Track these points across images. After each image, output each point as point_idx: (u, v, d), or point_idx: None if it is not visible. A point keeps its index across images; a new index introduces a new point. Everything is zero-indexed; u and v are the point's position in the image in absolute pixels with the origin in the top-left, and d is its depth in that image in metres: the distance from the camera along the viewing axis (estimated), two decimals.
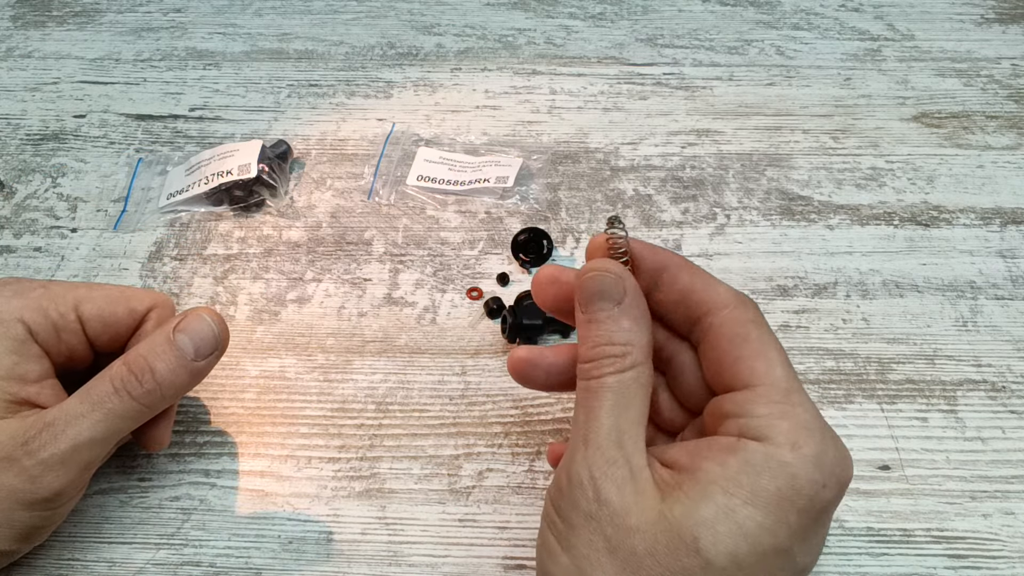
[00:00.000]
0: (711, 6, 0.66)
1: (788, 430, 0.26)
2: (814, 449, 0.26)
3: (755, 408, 0.27)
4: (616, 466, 0.27)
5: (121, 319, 0.37)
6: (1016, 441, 0.40)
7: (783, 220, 0.50)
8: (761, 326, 0.29)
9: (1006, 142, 0.55)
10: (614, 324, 0.29)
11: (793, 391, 0.28)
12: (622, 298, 0.29)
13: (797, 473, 0.26)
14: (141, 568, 0.37)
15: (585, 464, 0.27)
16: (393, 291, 0.47)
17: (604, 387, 0.28)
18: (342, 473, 0.40)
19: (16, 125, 0.57)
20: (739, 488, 0.26)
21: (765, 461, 0.26)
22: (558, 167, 0.53)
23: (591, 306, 0.29)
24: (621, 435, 0.28)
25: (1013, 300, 0.46)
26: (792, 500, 0.26)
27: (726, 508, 0.26)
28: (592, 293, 0.29)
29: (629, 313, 0.29)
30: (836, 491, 0.27)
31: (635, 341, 0.29)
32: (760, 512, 0.25)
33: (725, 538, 0.25)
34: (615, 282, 0.29)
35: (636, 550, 0.26)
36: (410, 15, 0.66)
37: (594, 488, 0.27)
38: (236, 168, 0.50)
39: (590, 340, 0.29)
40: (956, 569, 0.36)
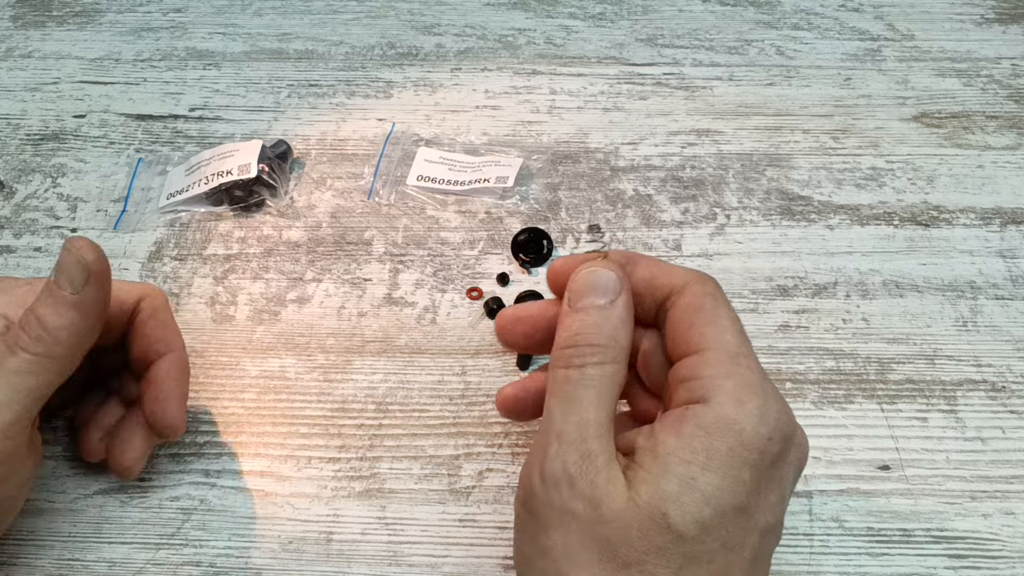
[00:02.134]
0: (711, 6, 0.66)
1: (732, 388, 0.27)
2: (757, 403, 0.27)
3: (703, 370, 0.28)
4: (590, 460, 0.27)
5: (110, 313, 0.36)
6: (1016, 441, 0.40)
7: (783, 220, 0.50)
8: (716, 298, 0.30)
9: (1006, 142, 0.55)
10: (603, 318, 0.29)
11: (741, 355, 0.28)
12: (616, 296, 0.29)
13: (743, 428, 0.26)
14: (141, 568, 0.37)
15: (559, 460, 0.27)
16: (393, 291, 0.47)
17: (585, 378, 0.28)
18: (342, 473, 0.40)
19: (16, 125, 0.57)
20: (694, 454, 0.26)
21: (714, 422, 0.27)
22: (558, 167, 0.53)
23: (584, 299, 0.30)
24: (598, 429, 0.28)
25: (1013, 300, 0.46)
26: (743, 457, 0.26)
27: (686, 478, 0.26)
28: (588, 285, 0.30)
29: (620, 311, 0.29)
30: (781, 444, 0.27)
31: (620, 339, 0.29)
32: (717, 475, 0.26)
33: (691, 507, 0.26)
34: (613, 279, 0.30)
35: (610, 540, 0.26)
36: (410, 15, 0.66)
37: (569, 484, 0.27)
38: (236, 168, 0.50)
39: (574, 328, 0.29)
40: (956, 569, 0.36)
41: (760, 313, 0.46)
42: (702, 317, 0.29)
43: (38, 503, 0.39)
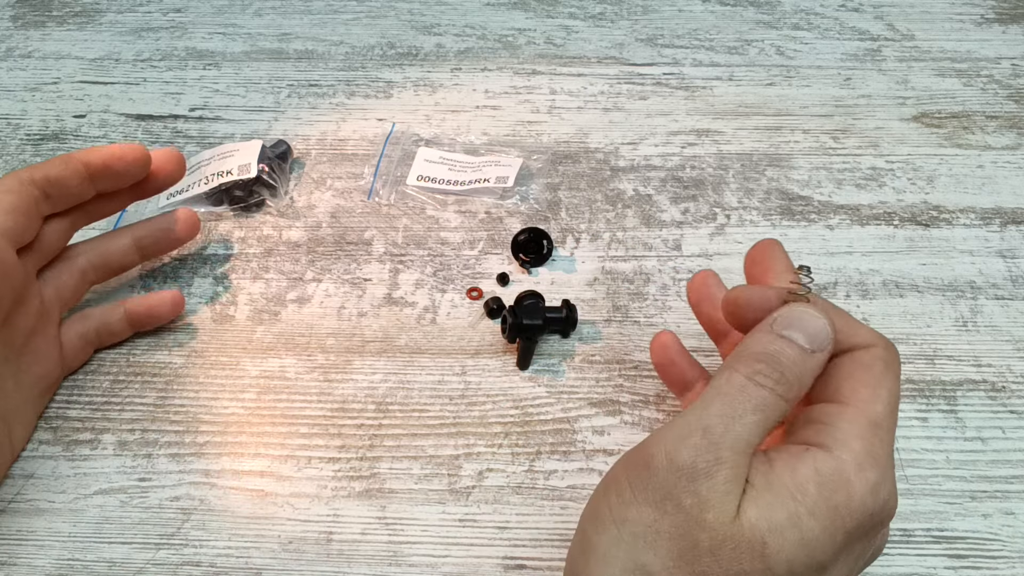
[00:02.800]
0: (711, 6, 0.66)
1: (859, 450, 0.27)
2: (875, 477, 0.27)
3: (839, 421, 0.28)
4: (723, 467, 0.27)
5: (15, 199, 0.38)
6: (1016, 441, 0.40)
7: (783, 220, 0.50)
8: (889, 367, 0.29)
9: (1006, 142, 0.55)
10: (803, 360, 0.28)
11: (881, 427, 0.28)
12: (822, 351, 0.29)
13: (854, 493, 0.26)
14: (141, 568, 0.37)
15: (694, 452, 0.27)
16: (393, 291, 0.47)
17: (761, 399, 0.28)
18: (342, 473, 0.40)
19: (16, 125, 0.57)
20: (805, 496, 0.26)
21: (831, 474, 0.27)
22: (558, 167, 0.53)
23: (791, 331, 0.29)
24: (745, 445, 0.27)
25: (1013, 300, 0.46)
26: (844, 519, 0.26)
27: (794, 515, 0.26)
28: (800, 323, 0.29)
29: (817, 364, 0.29)
30: (879, 522, 0.27)
31: (804, 387, 0.29)
32: (819, 524, 0.26)
33: (789, 546, 0.26)
34: (827, 332, 0.29)
35: (700, 544, 0.26)
36: (410, 15, 0.66)
37: (691, 477, 0.26)
38: (236, 168, 0.50)
39: (774, 348, 0.29)
40: (956, 569, 0.36)
41: None
42: (864, 376, 0.29)
43: (38, 503, 0.39)
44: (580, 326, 0.45)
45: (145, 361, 0.44)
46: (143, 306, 0.44)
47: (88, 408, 0.42)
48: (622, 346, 0.44)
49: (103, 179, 0.41)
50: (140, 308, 0.44)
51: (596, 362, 0.43)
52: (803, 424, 0.29)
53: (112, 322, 0.43)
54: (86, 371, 0.43)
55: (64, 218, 0.41)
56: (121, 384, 0.43)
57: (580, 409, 0.42)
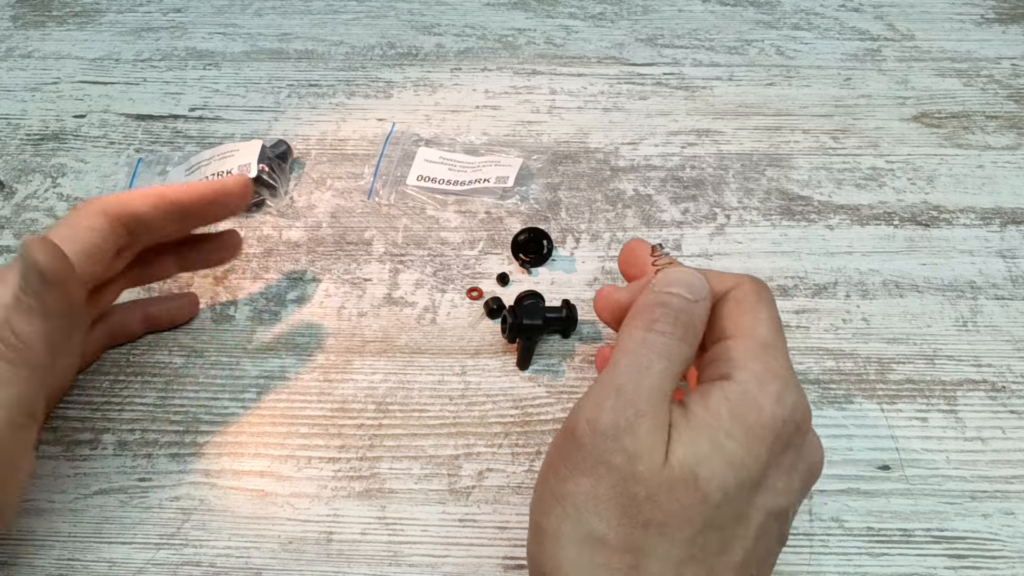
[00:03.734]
0: (711, 6, 0.66)
1: (757, 370, 0.29)
2: (776, 387, 0.28)
3: (733, 352, 0.30)
4: (644, 419, 0.27)
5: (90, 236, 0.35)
6: (1016, 441, 0.40)
7: (783, 220, 0.50)
8: (760, 295, 0.31)
9: (1006, 142, 0.55)
10: (689, 307, 0.30)
11: (771, 346, 0.30)
12: (702, 298, 0.30)
13: (762, 406, 0.28)
14: (141, 568, 0.37)
15: (613, 412, 0.28)
16: (393, 291, 0.47)
17: (662, 346, 0.29)
18: (342, 473, 0.40)
19: (16, 125, 0.57)
20: (720, 421, 0.28)
21: (737, 396, 0.28)
22: (558, 167, 0.53)
23: (673, 288, 0.30)
24: (659, 394, 0.28)
25: (1013, 300, 0.46)
26: (760, 434, 0.27)
27: (716, 443, 0.27)
28: (678, 280, 0.31)
29: (702, 311, 0.30)
30: (795, 430, 0.28)
31: (698, 331, 0.30)
32: (740, 445, 0.27)
33: (718, 471, 0.27)
34: (702, 282, 0.31)
35: (637, 496, 0.27)
36: (410, 15, 0.66)
37: (615, 437, 0.27)
38: (236, 168, 0.50)
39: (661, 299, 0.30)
40: (956, 569, 0.36)
41: None
42: (742, 308, 0.31)
43: (38, 503, 0.39)
44: (580, 326, 0.45)
45: (145, 361, 0.44)
46: (162, 309, 0.44)
47: (88, 408, 0.42)
48: None
49: (193, 219, 0.40)
50: (159, 311, 0.44)
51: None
52: (706, 366, 0.31)
53: (129, 322, 0.44)
54: (86, 371, 0.43)
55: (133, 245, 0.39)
56: (121, 384, 0.43)
57: None
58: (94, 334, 0.42)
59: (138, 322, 0.44)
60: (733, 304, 0.31)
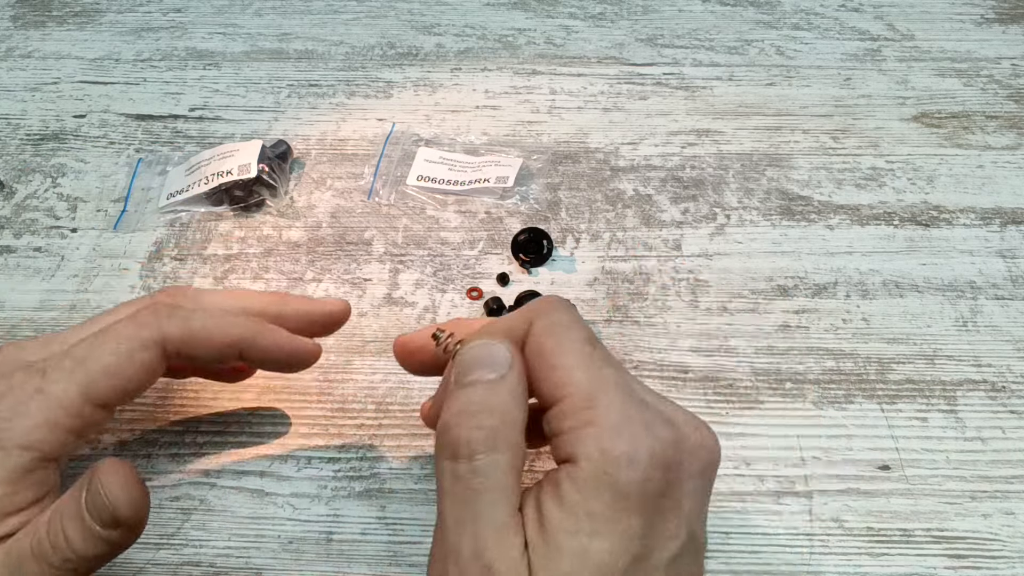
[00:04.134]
0: (711, 6, 0.66)
1: (594, 436, 0.25)
2: (623, 448, 0.25)
3: (562, 424, 0.26)
4: (493, 568, 0.25)
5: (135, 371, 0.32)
6: (1016, 441, 0.40)
7: (783, 220, 0.50)
8: (555, 329, 0.28)
9: (1006, 142, 0.55)
10: (492, 392, 0.27)
11: (596, 392, 0.26)
12: (506, 369, 0.27)
13: (616, 480, 0.25)
14: (141, 568, 0.37)
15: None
16: (393, 291, 0.47)
17: (478, 475, 0.26)
18: (342, 473, 0.40)
19: (16, 125, 0.57)
20: (579, 522, 0.25)
21: (587, 481, 0.25)
22: (558, 167, 0.53)
23: (471, 374, 0.27)
24: (497, 535, 0.25)
25: (1013, 300, 0.46)
26: (624, 507, 0.25)
27: (579, 552, 0.24)
28: (473, 360, 0.28)
29: (511, 384, 0.27)
30: (662, 475, 0.25)
31: (514, 415, 0.27)
32: (606, 539, 0.24)
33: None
34: (502, 351, 0.28)
35: None
36: (410, 15, 0.66)
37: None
38: (236, 168, 0.50)
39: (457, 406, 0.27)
40: (956, 569, 0.36)
41: (760, 313, 0.46)
42: (545, 361, 0.27)
43: None
44: None
45: None
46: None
47: None
48: (622, 346, 0.44)
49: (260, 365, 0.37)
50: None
51: None
52: (551, 442, 0.27)
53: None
54: None
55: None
56: None
57: None
58: None
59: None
60: (536, 359, 0.27)
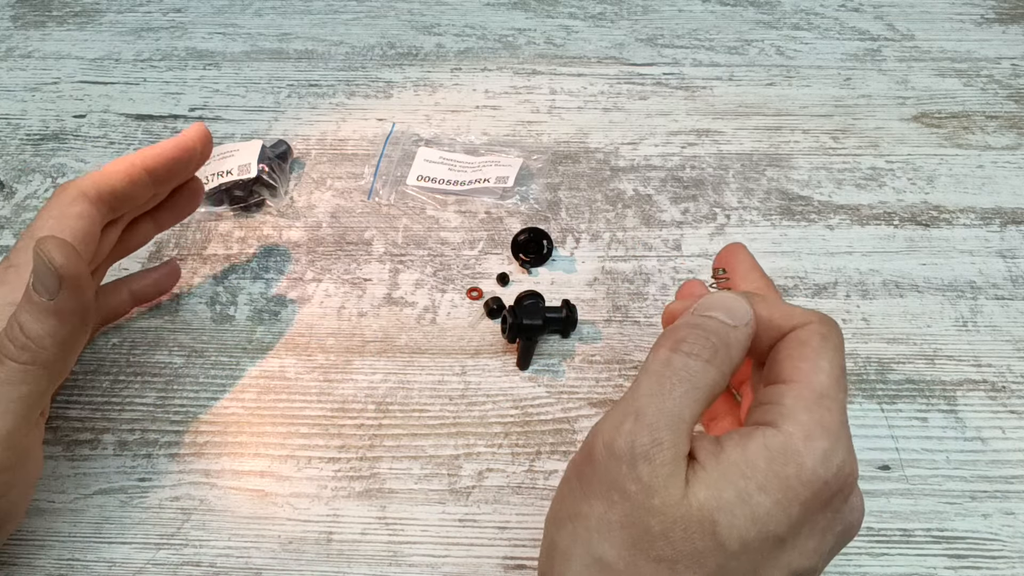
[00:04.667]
0: (711, 6, 0.66)
1: (806, 423, 0.27)
2: (824, 445, 0.27)
3: (784, 398, 0.28)
4: (661, 448, 0.26)
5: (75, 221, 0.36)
6: (1016, 441, 0.40)
7: (783, 220, 0.50)
8: (827, 339, 0.29)
9: (1006, 142, 0.55)
10: (725, 332, 0.29)
11: (827, 397, 0.28)
12: (743, 325, 0.29)
13: (804, 463, 0.26)
14: (141, 568, 0.37)
15: (630, 437, 0.27)
16: (393, 291, 0.47)
17: (687, 369, 0.28)
18: (342, 473, 0.40)
19: (16, 125, 0.57)
20: (755, 471, 0.26)
21: (780, 448, 0.26)
22: (558, 167, 0.53)
23: (712, 311, 0.29)
24: (679, 421, 0.27)
25: (1013, 300, 0.46)
26: (797, 491, 0.26)
27: (743, 492, 0.26)
28: (719, 304, 0.30)
29: (741, 337, 0.29)
30: (836, 493, 0.27)
31: (733, 356, 0.29)
32: (770, 498, 0.26)
33: (740, 521, 0.26)
34: (745, 308, 0.30)
35: (651, 529, 0.26)
36: (410, 15, 0.66)
37: (631, 464, 0.26)
38: (236, 168, 0.50)
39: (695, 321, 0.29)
40: (956, 569, 0.36)
41: None
42: (803, 352, 0.29)
43: (38, 503, 0.39)
44: (580, 326, 0.45)
45: (145, 361, 0.44)
46: (146, 282, 0.44)
47: (88, 408, 0.42)
48: (622, 346, 0.44)
49: (166, 181, 0.40)
50: (144, 285, 0.44)
51: (596, 362, 0.43)
52: (754, 409, 0.29)
53: (117, 302, 0.44)
54: (86, 371, 0.43)
55: (117, 223, 0.40)
56: (121, 384, 0.43)
57: (580, 409, 0.42)
58: None
59: (126, 300, 0.44)
60: (795, 345, 0.29)
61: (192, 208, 0.45)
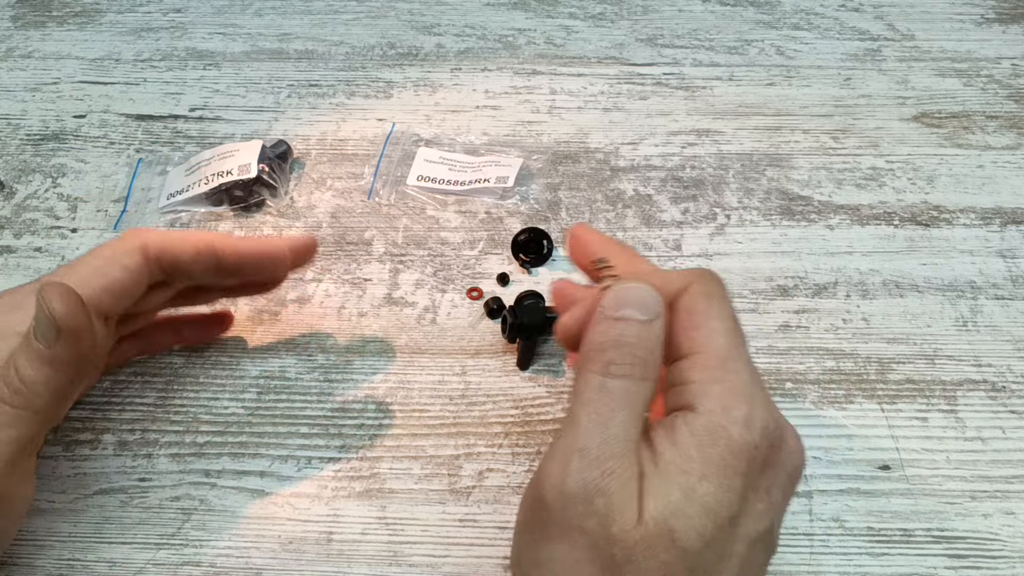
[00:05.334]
0: (711, 6, 0.66)
1: (720, 394, 0.27)
2: (743, 411, 0.27)
3: (691, 374, 0.28)
4: (613, 476, 0.26)
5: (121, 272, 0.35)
6: (1016, 441, 0.40)
7: (783, 220, 0.50)
8: (710, 297, 0.29)
9: (1006, 142, 0.55)
10: (645, 332, 0.28)
11: (731, 358, 0.28)
12: (656, 317, 0.29)
13: (731, 435, 0.26)
14: (141, 568, 0.37)
15: (580, 476, 0.26)
16: (393, 291, 0.47)
17: (621, 391, 0.27)
18: (342, 473, 0.40)
19: (16, 125, 0.57)
20: (691, 463, 0.26)
21: (704, 429, 0.26)
22: (558, 167, 0.53)
23: (624, 309, 0.29)
24: (626, 443, 0.27)
25: (1013, 300, 0.46)
26: (732, 465, 0.26)
27: (687, 488, 0.26)
28: (628, 299, 0.29)
29: (658, 330, 0.29)
30: (768, 450, 0.27)
31: (656, 357, 0.28)
32: (713, 484, 0.26)
33: (694, 520, 0.25)
34: (655, 298, 0.29)
35: (615, 558, 0.26)
36: (410, 15, 0.66)
37: (586, 501, 0.26)
38: (236, 168, 0.50)
39: (614, 334, 0.28)
40: (956, 569, 0.36)
41: (760, 313, 0.46)
42: (693, 320, 0.29)
43: (38, 503, 0.39)
44: None
45: (145, 361, 0.44)
46: (195, 330, 0.44)
47: (88, 408, 0.42)
48: None
49: (236, 274, 0.38)
50: (192, 333, 0.44)
51: None
52: (668, 391, 0.29)
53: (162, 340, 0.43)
54: None
55: (172, 286, 0.39)
56: (121, 384, 0.43)
57: None
58: (123, 347, 0.41)
59: (169, 339, 0.43)
60: (684, 315, 0.29)
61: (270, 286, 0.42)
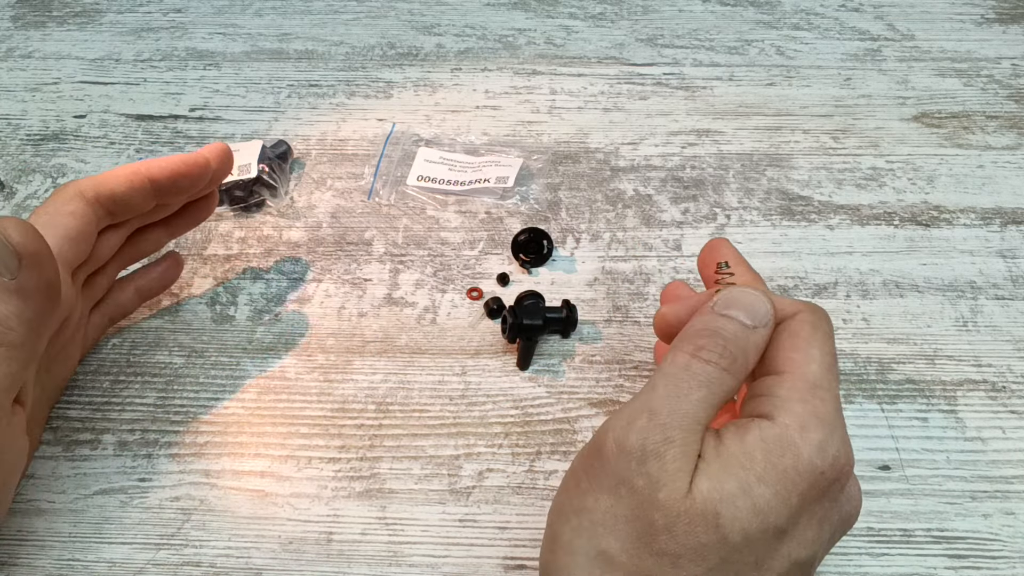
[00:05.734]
0: (711, 6, 0.66)
1: (801, 413, 0.27)
2: (820, 436, 0.27)
3: (778, 390, 0.28)
4: (672, 445, 0.27)
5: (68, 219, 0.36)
6: (1016, 441, 0.40)
7: (783, 220, 0.50)
8: (816, 328, 0.30)
9: (1006, 142, 0.55)
10: (744, 335, 0.29)
11: (821, 387, 0.28)
12: (763, 327, 0.29)
13: (800, 454, 0.27)
14: (141, 568, 0.37)
15: (642, 434, 0.27)
16: (393, 291, 0.47)
17: (705, 374, 0.28)
18: (342, 473, 0.40)
19: (16, 125, 0.57)
20: (753, 463, 0.26)
21: (775, 439, 0.27)
22: (558, 167, 0.53)
23: (732, 310, 0.29)
24: (694, 423, 0.27)
25: (1013, 300, 0.46)
26: (794, 481, 0.26)
27: (744, 483, 0.26)
28: (740, 302, 0.30)
29: (760, 339, 0.29)
30: (833, 482, 0.27)
31: (749, 362, 0.29)
32: (770, 489, 0.26)
33: (743, 513, 0.26)
34: (767, 310, 0.30)
35: (655, 524, 0.26)
36: (410, 15, 0.66)
37: (640, 459, 0.27)
38: (236, 168, 0.50)
39: (715, 325, 0.29)
40: (956, 569, 0.36)
41: None
42: (794, 342, 0.29)
43: (38, 503, 0.39)
44: (580, 326, 0.45)
45: (145, 361, 0.44)
46: (151, 277, 0.44)
47: (88, 408, 0.42)
48: (622, 346, 0.44)
49: (172, 193, 0.39)
50: (149, 281, 0.44)
51: (596, 362, 0.43)
52: (749, 400, 0.30)
53: (124, 300, 0.44)
54: (86, 371, 0.43)
55: (119, 228, 0.40)
56: (121, 384, 0.43)
57: (580, 409, 0.42)
58: (93, 319, 0.42)
59: (132, 297, 0.44)
60: (787, 336, 0.30)
61: (202, 217, 0.44)
